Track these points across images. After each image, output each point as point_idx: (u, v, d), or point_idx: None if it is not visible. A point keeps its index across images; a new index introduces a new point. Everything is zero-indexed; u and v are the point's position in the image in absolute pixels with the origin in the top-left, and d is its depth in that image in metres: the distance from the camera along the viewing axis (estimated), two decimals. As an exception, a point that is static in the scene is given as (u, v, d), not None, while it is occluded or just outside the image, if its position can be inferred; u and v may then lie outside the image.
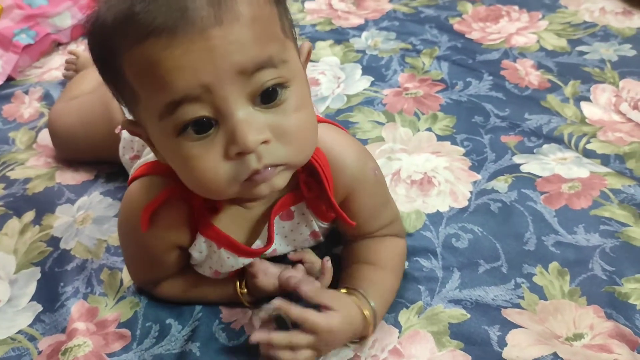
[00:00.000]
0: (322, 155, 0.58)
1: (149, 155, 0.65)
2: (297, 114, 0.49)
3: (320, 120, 0.62)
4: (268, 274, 0.64)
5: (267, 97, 0.47)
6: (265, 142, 0.47)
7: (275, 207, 0.60)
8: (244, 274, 0.66)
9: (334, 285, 0.65)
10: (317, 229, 0.65)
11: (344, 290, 0.62)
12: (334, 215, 0.62)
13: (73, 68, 1.10)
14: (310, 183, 0.59)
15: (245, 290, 0.65)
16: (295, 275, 0.62)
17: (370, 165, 0.63)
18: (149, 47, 0.43)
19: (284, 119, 0.48)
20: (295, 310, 0.55)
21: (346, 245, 0.69)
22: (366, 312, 0.59)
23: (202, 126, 0.46)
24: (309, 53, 0.55)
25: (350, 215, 0.62)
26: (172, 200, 0.56)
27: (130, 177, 0.64)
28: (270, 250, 0.63)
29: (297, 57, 0.51)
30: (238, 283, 0.66)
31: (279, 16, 0.48)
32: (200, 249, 0.61)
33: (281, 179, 0.51)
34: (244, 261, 0.63)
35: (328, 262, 0.64)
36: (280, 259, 0.67)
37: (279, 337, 0.55)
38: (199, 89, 0.44)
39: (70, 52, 1.12)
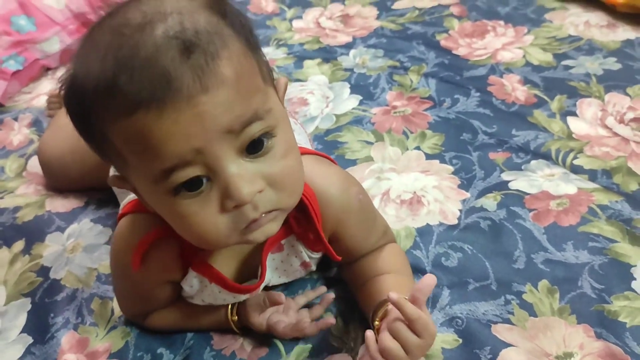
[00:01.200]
0: (309, 190, 0.58)
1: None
2: (286, 160, 0.49)
3: (301, 152, 0.62)
4: (265, 312, 0.64)
5: (254, 147, 0.47)
6: (259, 191, 0.48)
7: (266, 244, 0.60)
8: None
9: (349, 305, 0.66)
10: (307, 259, 0.65)
11: None
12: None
13: (57, 107, 1.09)
14: (299, 218, 0.60)
15: (236, 317, 0.65)
16: (284, 320, 0.63)
17: (354, 191, 0.64)
18: (138, 119, 0.43)
19: (274, 166, 0.48)
20: (411, 308, 0.52)
21: (346, 268, 0.69)
22: None
23: (195, 184, 0.46)
24: (286, 87, 0.56)
25: (343, 243, 0.63)
26: (162, 239, 0.57)
27: (120, 212, 0.64)
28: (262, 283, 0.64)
29: (278, 100, 0.52)
30: (230, 309, 0.65)
31: (258, 65, 0.49)
32: (191, 283, 0.62)
33: (275, 225, 0.51)
34: (235, 296, 0.63)
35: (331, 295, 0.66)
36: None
37: (399, 326, 0.52)
38: (191, 153, 0.44)
39: (52, 96, 1.11)
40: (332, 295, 0.67)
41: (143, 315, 0.67)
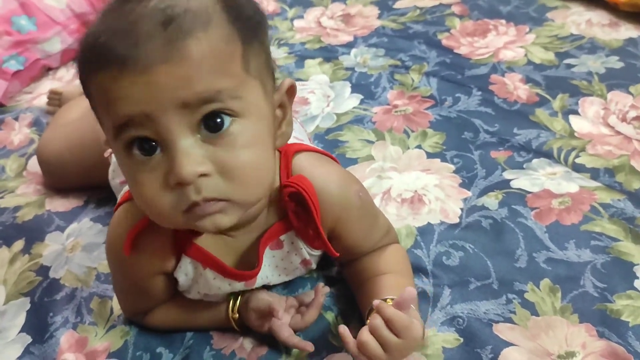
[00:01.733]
0: (309, 185, 0.58)
1: None
2: (245, 151, 0.48)
3: (300, 149, 0.62)
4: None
5: (213, 125, 0.47)
6: (205, 175, 0.47)
7: (264, 237, 0.60)
8: (236, 297, 0.65)
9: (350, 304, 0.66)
10: (308, 257, 0.65)
11: (389, 302, 0.59)
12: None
13: (56, 103, 1.10)
14: (298, 212, 0.59)
15: (237, 315, 0.65)
16: (286, 324, 0.63)
17: (354, 189, 0.63)
18: (103, 76, 0.46)
19: (229, 154, 0.48)
20: (389, 309, 0.53)
21: (346, 266, 0.69)
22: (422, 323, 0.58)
23: (147, 148, 0.47)
24: (291, 88, 0.55)
25: (343, 240, 0.63)
26: (155, 224, 0.56)
27: (117, 202, 0.64)
28: (262, 281, 0.64)
29: (262, 97, 0.51)
30: (231, 306, 0.65)
31: (242, 54, 0.48)
32: (185, 270, 0.61)
33: (226, 218, 0.50)
34: (230, 283, 0.63)
35: (325, 288, 0.66)
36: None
37: (378, 322, 0.54)
38: (141, 116, 0.46)
39: (52, 92, 1.12)
40: (320, 284, 0.66)
41: (142, 313, 0.67)
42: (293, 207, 0.58)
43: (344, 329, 0.55)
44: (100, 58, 0.45)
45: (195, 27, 0.45)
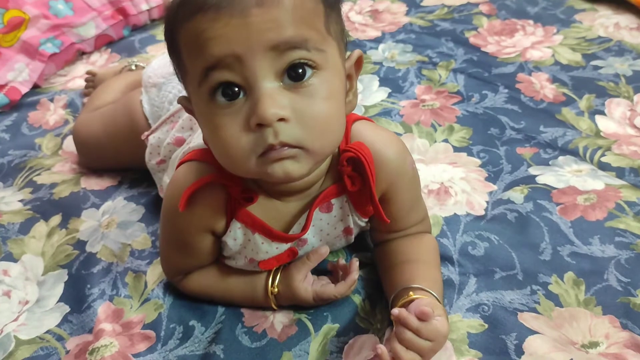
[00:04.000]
0: (366, 149, 0.60)
1: (192, 144, 0.69)
2: (322, 102, 0.51)
3: (359, 118, 0.65)
4: (308, 278, 0.67)
5: (295, 75, 0.50)
6: (283, 119, 0.49)
7: (318, 198, 0.62)
8: (275, 274, 0.67)
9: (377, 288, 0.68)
10: (351, 225, 0.67)
11: (414, 294, 0.61)
12: (372, 210, 0.63)
13: (91, 85, 1.13)
14: (354, 177, 0.61)
15: (277, 289, 0.67)
16: (330, 285, 0.66)
17: (409, 159, 0.66)
18: (196, 21, 0.49)
19: (308, 103, 0.51)
20: (414, 321, 0.55)
21: (380, 246, 0.71)
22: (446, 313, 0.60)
23: (231, 93, 0.50)
24: (360, 59, 0.58)
25: (389, 208, 0.65)
26: (212, 185, 0.59)
27: (179, 160, 0.66)
28: (302, 238, 0.65)
29: (339, 57, 0.54)
30: (271, 280, 0.67)
31: (325, 15, 0.52)
32: (235, 235, 0.63)
33: (296, 166, 0.52)
34: (277, 246, 0.65)
35: (356, 262, 0.67)
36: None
37: (409, 336, 0.55)
38: (231, 57, 0.48)
39: (88, 73, 1.15)
40: (349, 259, 0.69)
41: (182, 274, 0.69)
42: (349, 171, 0.60)
43: (382, 350, 0.55)
44: (193, 6, 0.48)
45: None
